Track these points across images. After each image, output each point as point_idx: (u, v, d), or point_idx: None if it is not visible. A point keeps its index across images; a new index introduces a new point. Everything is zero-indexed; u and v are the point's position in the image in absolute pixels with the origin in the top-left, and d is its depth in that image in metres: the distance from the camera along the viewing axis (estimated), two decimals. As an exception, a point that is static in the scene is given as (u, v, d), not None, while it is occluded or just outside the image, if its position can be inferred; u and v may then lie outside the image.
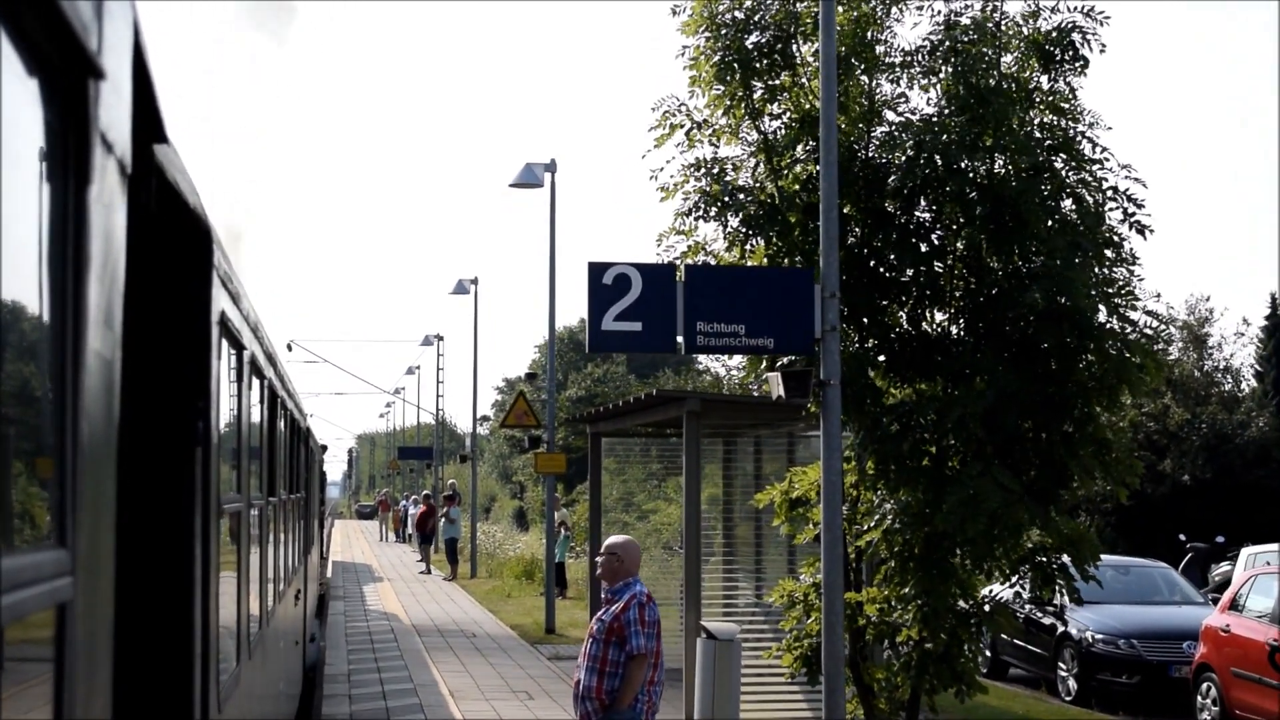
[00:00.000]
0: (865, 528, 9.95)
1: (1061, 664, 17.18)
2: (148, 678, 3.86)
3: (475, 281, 36.75)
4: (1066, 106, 10.09)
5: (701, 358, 63.62)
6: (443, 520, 37.10)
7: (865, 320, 10.04)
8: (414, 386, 70.16)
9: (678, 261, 10.06)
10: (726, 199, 10.06)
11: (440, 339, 49.21)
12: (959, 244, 9.99)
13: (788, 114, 10.28)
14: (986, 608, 10.05)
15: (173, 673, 3.89)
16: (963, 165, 9.51)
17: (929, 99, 10.28)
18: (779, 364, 9.68)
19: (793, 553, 14.59)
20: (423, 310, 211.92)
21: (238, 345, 5.15)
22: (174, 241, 3.90)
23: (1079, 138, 9.87)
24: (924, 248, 9.97)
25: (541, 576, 29.45)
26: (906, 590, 9.75)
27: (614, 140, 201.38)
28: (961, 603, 9.84)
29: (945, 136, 9.53)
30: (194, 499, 3.97)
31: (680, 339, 8.95)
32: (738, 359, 38.62)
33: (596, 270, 8.83)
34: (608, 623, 7.31)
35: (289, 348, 50.52)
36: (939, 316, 10.32)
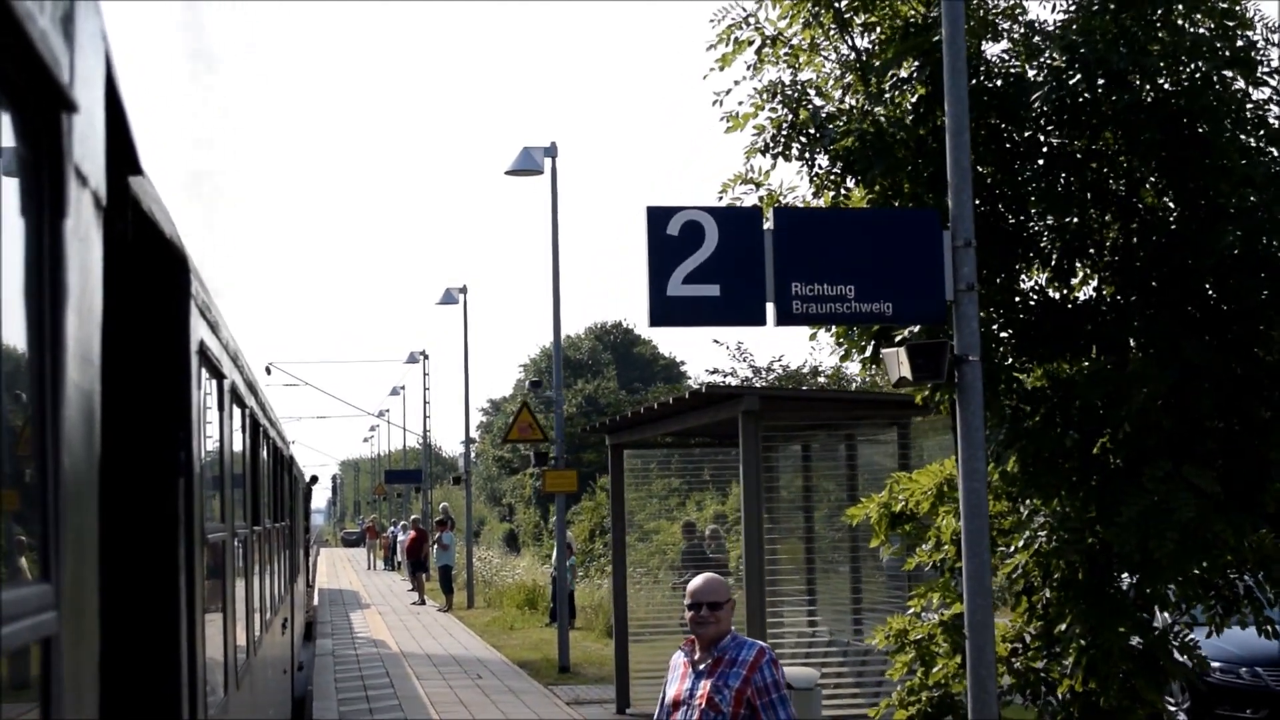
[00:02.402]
0: (1011, 548, 8.34)
1: (1170, 697, 15.66)
2: (135, 710, 3.94)
3: (464, 290, 36.32)
4: (1237, 9, 8.44)
5: (697, 366, 63.15)
6: (435, 547, 36.62)
7: (987, 285, 8.50)
8: (398, 408, 69.86)
9: (763, 203, 8.62)
10: (814, 131, 8.44)
11: (425, 356, 49.00)
12: (1118, 182, 8.47)
13: (882, 26, 8.68)
14: (1177, 654, 8.30)
15: (160, 704, 4.00)
16: (1129, 77, 7.99)
17: (1053, 5, 8.74)
18: (897, 338, 8.25)
19: (858, 577, 13.51)
20: (405, 328, 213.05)
21: (218, 374, 5.32)
22: (151, 272, 4.04)
23: (1253, 48, 8.35)
24: (1073, 188, 8.38)
25: (546, 605, 28.99)
26: (1063, 627, 8.14)
27: (615, 126, 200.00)
28: (1134, 640, 8.21)
29: (1103, 39, 7.94)
30: (177, 530, 4.11)
31: (770, 306, 7.41)
32: (758, 358, 35.55)
33: (658, 218, 7.31)
34: (735, 688, 5.86)
35: (268, 371, 50.65)
36: (1072, 279, 8.79)
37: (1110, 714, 8.11)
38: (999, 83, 8.38)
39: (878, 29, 8.66)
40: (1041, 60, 8.17)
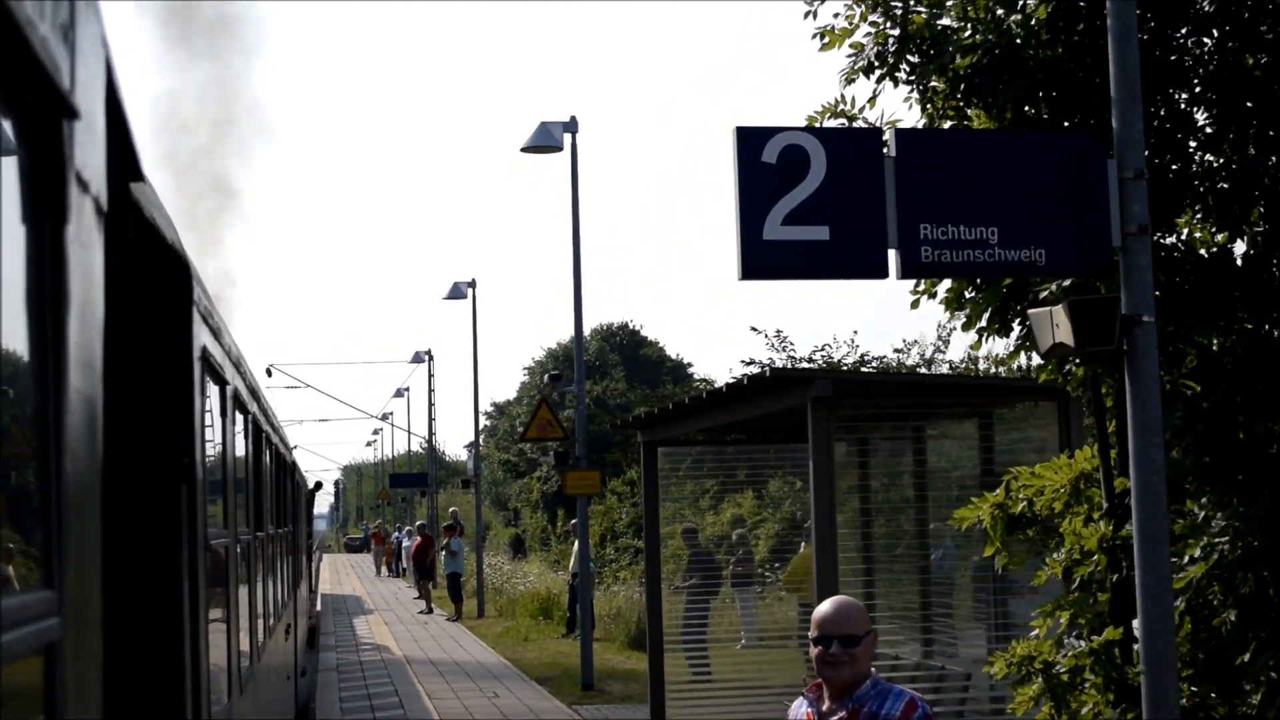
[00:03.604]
0: (1186, 559, 6.92)
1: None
2: (139, 716, 4.00)
3: (473, 284, 35.36)
4: None
5: (705, 367, 62.01)
6: (443, 553, 35.77)
7: None
8: (402, 410, 69.82)
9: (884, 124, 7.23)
10: (928, 47, 7.08)
11: (430, 357, 48.81)
12: None
13: None
14: None
15: (164, 709, 4.04)
16: None
17: None
18: (1040, 291, 6.95)
19: (926, 588, 12.04)
20: (407, 328, 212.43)
21: (220, 380, 5.40)
22: (154, 278, 4.10)
23: None
24: (1245, 115, 7.05)
25: (561, 615, 28.22)
26: (1246, 657, 6.73)
27: (631, 106, 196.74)
28: None
29: None
30: (180, 536, 4.18)
31: (893, 254, 6.17)
32: (799, 347, 30.75)
33: (751, 142, 6.03)
34: None
35: (268, 373, 50.54)
36: (1242, 229, 7.39)
37: None
38: None
39: None
40: None
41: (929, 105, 7.29)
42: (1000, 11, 6.98)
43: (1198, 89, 7.19)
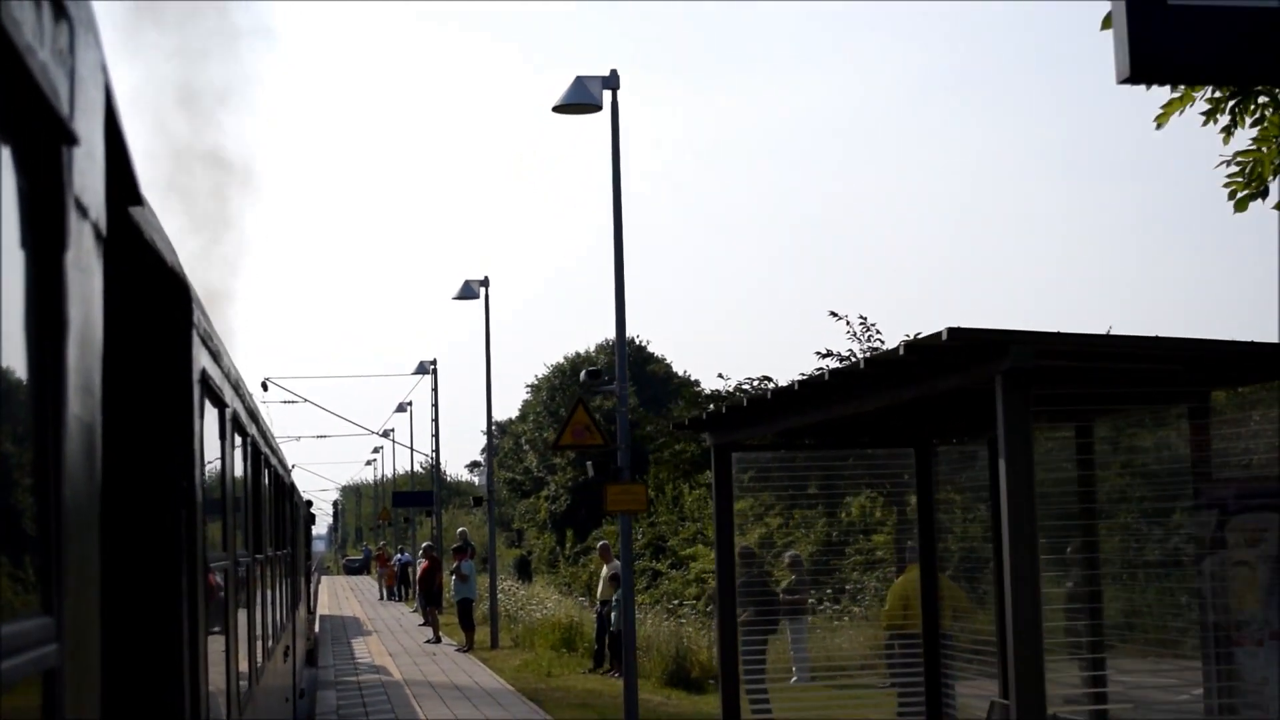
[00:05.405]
0: None
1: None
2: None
3: (485, 283, 33.85)
4: None
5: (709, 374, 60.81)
6: (453, 577, 34.22)
7: None
8: (404, 426, 69.54)
9: None
10: None
11: (435, 366, 48.29)
12: None
13: None
14: None
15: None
16: None
17: None
18: None
19: (1092, 630, 9.70)
20: (409, 343, 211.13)
21: (219, 403, 5.52)
22: (153, 302, 4.20)
23: None
24: None
25: (586, 646, 26.67)
26: None
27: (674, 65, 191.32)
28: None
29: None
30: (179, 559, 4.25)
31: None
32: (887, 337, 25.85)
33: None
34: None
35: (264, 387, 50.17)
36: None
37: None
38: None
39: None
40: None
41: None
42: None
43: None
